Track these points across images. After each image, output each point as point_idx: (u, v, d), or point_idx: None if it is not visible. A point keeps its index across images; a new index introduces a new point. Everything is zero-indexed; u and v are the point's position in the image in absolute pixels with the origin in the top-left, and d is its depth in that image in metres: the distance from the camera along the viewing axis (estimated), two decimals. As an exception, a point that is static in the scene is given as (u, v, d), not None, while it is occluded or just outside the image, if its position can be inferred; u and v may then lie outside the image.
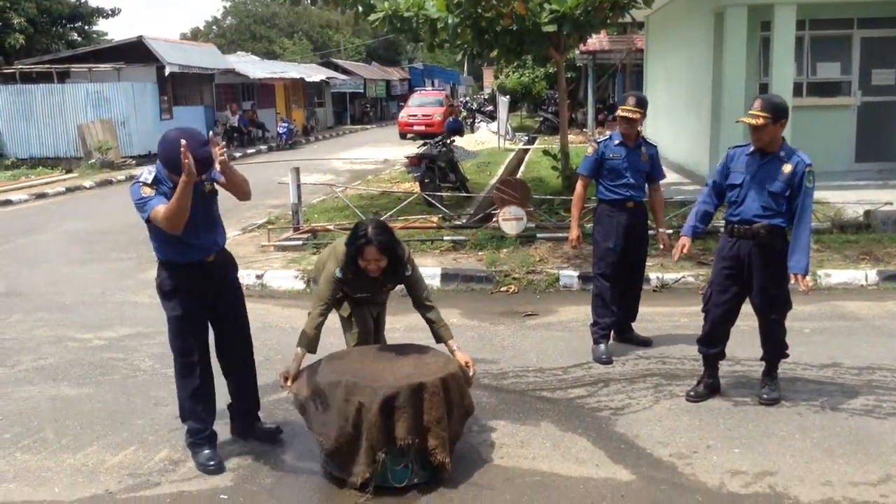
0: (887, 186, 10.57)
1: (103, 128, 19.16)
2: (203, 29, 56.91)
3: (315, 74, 33.68)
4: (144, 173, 3.70)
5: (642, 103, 5.24)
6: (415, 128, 27.20)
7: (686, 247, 4.61)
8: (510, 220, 8.35)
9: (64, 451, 4.17)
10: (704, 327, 4.62)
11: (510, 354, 5.53)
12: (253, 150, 23.93)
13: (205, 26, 57.56)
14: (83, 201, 14.68)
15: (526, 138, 24.22)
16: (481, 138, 23.16)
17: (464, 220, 9.53)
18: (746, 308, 4.57)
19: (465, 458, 3.91)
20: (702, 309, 4.67)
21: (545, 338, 5.88)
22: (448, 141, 11.82)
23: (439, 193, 10.59)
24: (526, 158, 17.74)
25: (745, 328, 4.94)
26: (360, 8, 9.70)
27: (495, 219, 8.68)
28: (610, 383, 4.92)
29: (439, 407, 3.60)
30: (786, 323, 4.53)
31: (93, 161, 18.49)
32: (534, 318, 6.40)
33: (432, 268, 7.53)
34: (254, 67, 28.52)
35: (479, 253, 8.21)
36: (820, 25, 11.89)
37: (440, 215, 9.63)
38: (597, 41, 22.73)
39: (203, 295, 3.87)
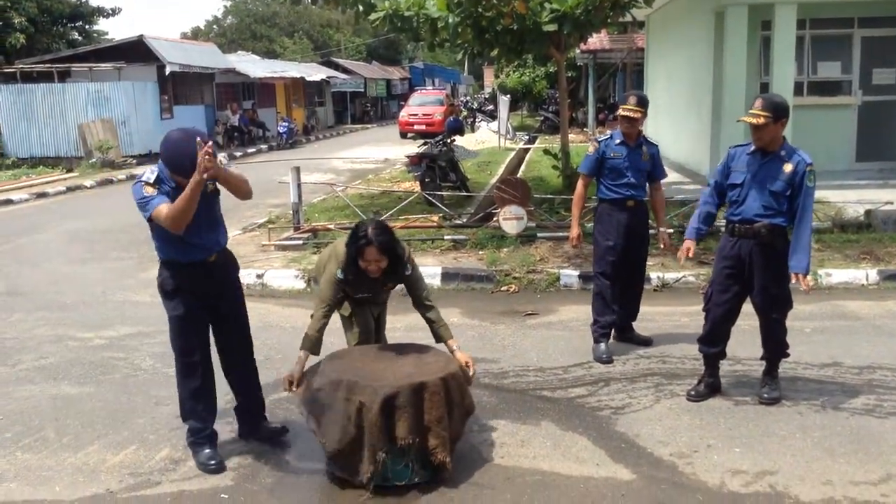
0: (888, 186, 10.55)
1: (104, 127, 19.16)
2: (203, 28, 56.94)
3: (315, 74, 33.69)
4: (147, 173, 3.70)
5: (643, 102, 5.25)
6: (415, 127, 27.21)
7: (691, 250, 4.61)
8: (511, 220, 8.35)
9: (65, 451, 4.17)
10: (705, 326, 4.63)
11: (511, 354, 5.53)
12: (253, 150, 23.93)
13: (205, 25, 57.62)
14: (84, 201, 14.69)
15: (526, 137, 24.20)
16: (482, 137, 23.16)
17: (464, 220, 9.53)
18: (747, 307, 4.57)
19: (466, 458, 3.92)
20: (703, 308, 4.67)
21: (546, 337, 5.88)
22: (448, 140, 11.81)
23: (440, 193, 10.59)
24: (526, 158, 17.73)
25: (746, 327, 4.94)
26: (361, 7, 9.69)
27: (496, 218, 8.68)
28: (610, 382, 4.92)
29: (440, 406, 3.60)
30: (786, 322, 4.53)
31: (93, 160, 18.49)
32: (534, 318, 6.40)
33: (433, 267, 7.53)
34: (254, 67, 28.53)
35: (480, 252, 8.21)
36: (820, 25, 11.89)
37: (441, 214, 9.63)
38: (597, 40, 22.73)
39: (205, 294, 3.87)
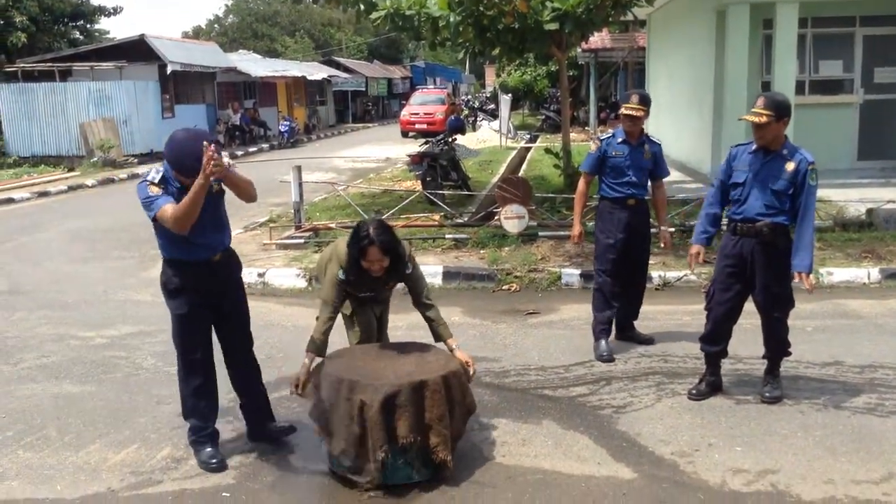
0: (889, 184, 10.54)
1: (105, 126, 19.17)
2: (205, 27, 56.91)
3: (317, 73, 33.70)
4: (152, 172, 3.69)
5: (646, 101, 5.24)
6: (416, 126, 27.21)
7: (700, 255, 4.61)
8: (512, 219, 8.34)
9: (66, 449, 4.17)
10: (707, 325, 4.62)
11: (512, 353, 5.52)
12: (255, 149, 23.94)
13: (206, 25, 57.58)
14: (85, 200, 14.69)
15: (528, 137, 24.19)
16: (483, 137, 23.16)
17: (465, 219, 9.52)
18: (749, 306, 4.56)
19: (467, 457, 3.92)
20: (704, 307, 4.66)
21: (547, 336, 5.88)
22: (450, 139, 11.81)
23: (441, 192, 10.59)
24: (528, 157, 17.72)
25: (748, 326, 4.94)
26: (362, 6, 9.68)
27: (497, 217, 8.68)
28: (612, 381, 4.91)
29: (441, 405, 3.60)
30: (788, 321, 4.53)
31: (95, 159, 18.50)
32: (535, 317, 6.40)
33: (434, 266, 7.53)
34: (255, 66, 28.53)
35: (481, 251, 8.20)
36: (822, 23, 11.87)
37: (442, 213, 9.63)
38: (599, 39, 22.69)
39: (208, 293, 3.87)
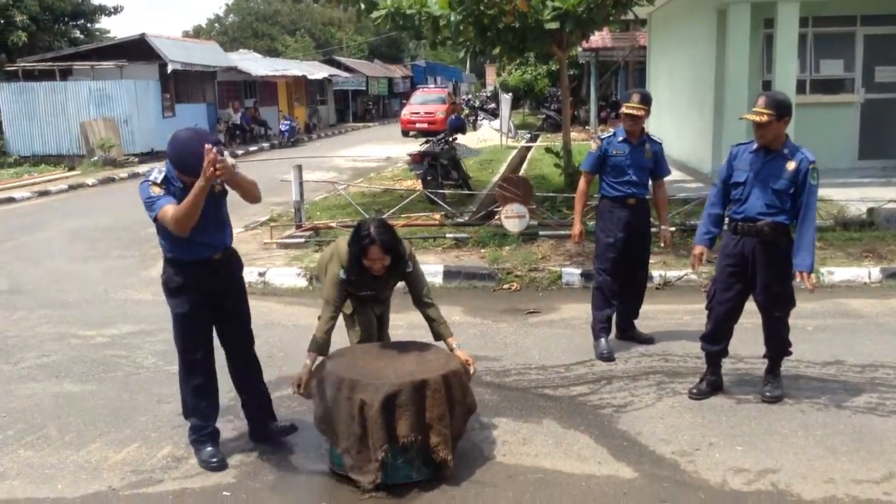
0: (890, 184, 10.54)
1: (106, 125, 19.17)
2: (205, 26, 56.90)
3: (317, 72, 33.70)
4: (154, 172, 3.69)
5: (647, 100, 5.24)
6: (417, 125, 27.22)
7: (704, 255, 4.61)
8: (512, 218, 8.34)
9: (67, 448, 4.17)
10: (708, 324, 4.62)
11: (512, 352, 5.52)
12: (255, 148, 23.94)
13: (207, 24, 57.56)
14: (86, 199, 14.68)
15: (528, 136, 24.18)
16: (484, 136, 23.15)
17: (466, 218, 9.52)
18: (749, 305, 4.56)
19: (468, 456, 3.91)
20: (705, 306, 4.66)
21: (547, 335, 5.87)
22: (450, 138, 11.82)
23: (442, 191, 10.59)
24: (528, 156, 17.72)
25: (749, 325, 4.94)
26: (363, 5, 9.68)
27: (498, 216, 8.68)
28: (612, 381, 4.91)
29: (441, 404, 3.60)
30: (789, 320, 4.52)
31: (95, 159, 18.49)
32: (536, 316, 6.40)
33: (434, 265, 7.52)
34: (256, 65, 28.53)
35: (482, 250, 8.20)
36: (823, 22, 11.86)
37: (442, 213, 9.63)
38: (599, 38, 22.67)
39: (209, 292, 3.86)
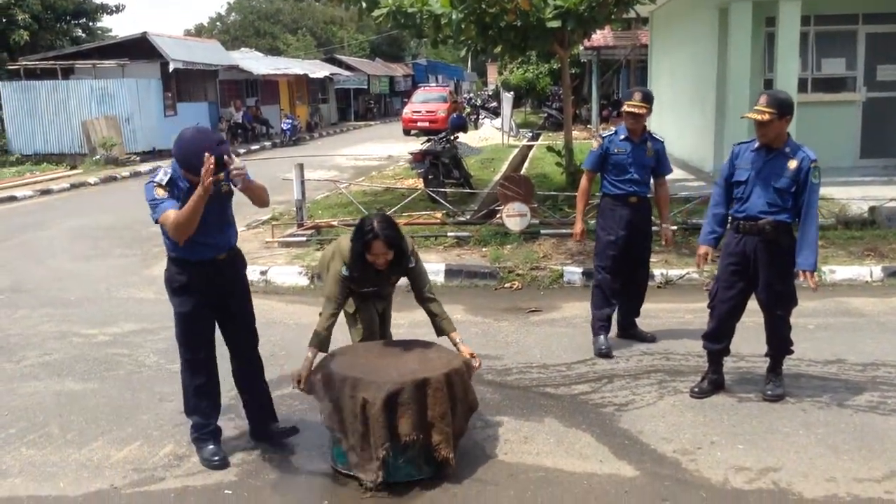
0: (892, 182, 10.53)
1: (108, 124, 19.18)
2: (207, 25, 56.89)
3: (319, 71, 33.70)
4: (160, 173, 3.67)
5: (648, 98, 5.24)
6: (418, 124, 27.23)
7: (709, 255, 4.60)
8: (514, 217, 8.34)
9: (69, 447, 4.18)
10: (710, 323, 4.62)
11: (514, 350, 5.53)
12: (257, 147, 23.95)
13: (209, 23, 57.53)
14: (87, 197, 14.70)
15: (530, 135, 24.18)
16: (485, 135, 23.13)
17: (467, 217, 9.52)
18: (751, 304, 4.56)
19: (469, 454, 3.92)
20: (707, 305, 4.66)
21: (549, 334, 5.88)
22: (452, 137, 11.82)
23: (443, 190, 10.59)
24: (530, 155, 17.71)
25: (750, 324, 4.93)
26: (364, 4, 9.67)
27: (499, 215, 8.68)
28: (614, 379, 4.91)
29: (443, 402, 3.61)
30: (790, 319, 4.52)
31: (97, 157, 18.50)
32: (537, 315, 6.40)
33: (436, 264, 7.52)
34: (258, 64, 28.54)
35: (483, 249, 8.20)
36: (825, 21, 11.85)
37: (444, 211, 9.63)
38: (601, 37, 22.66)
39: (213, 293, 3.86)
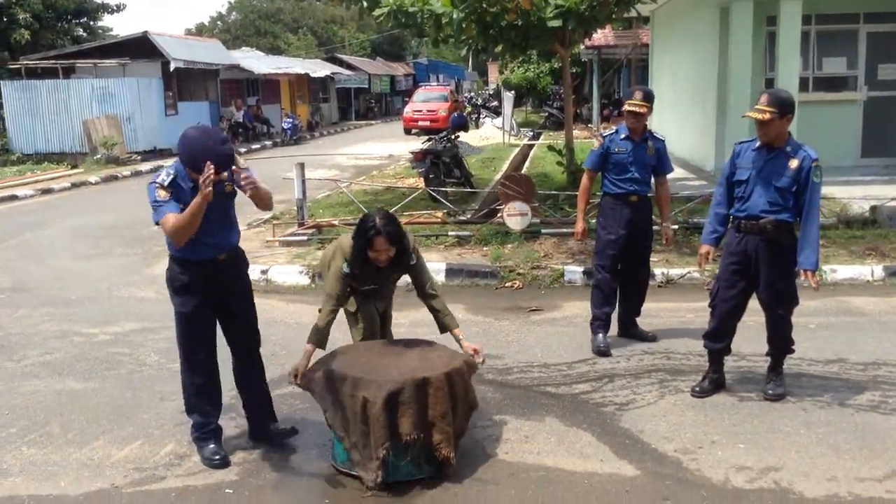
0: (893, 182, 10.52)
1: (108, 123, 19.18)
2: (208, 24, 56.93)
3: (320, 70, 33.70)
4: (163, 174, 3.65)
5: (649, 97, 5.24)
6: (419, 123, 27.23)
7: (710, 255, 4.61)
8: (515, 216, 8.34)
9: (70, 446, 4.18)
10: (711, 322, 4.62)
11: (515, 350, 5.53)
12: (258, 146, 23.95)
13: (209, 22, 57.59)
14: (88, 197, 14.71)
15: (531, 134, 24.17)
16: (486, 134, 23.13)
17: (468, 216, 9.52)
18: (752, 303, 4.56)
19: (470, 453, 3.92)
20: (709, 304, 4.66)
21: (550, 333, 5.87)
22: (453, 136, 11.81)
23: (444, 189, 10.59)
24: (531, 154, 17.72)
25: (751, 323, 4.93)
26: (365, 3, 9.67)
27: (500, 214, 8.68)
28: (615, 379, 4.91)
29: (444, 402, 3.61)
30: (792, 318, 4.52)
31: (98, 157, 18.51)
32: (538, 314, 6.40)
33: (437, 263, 7.52)
34: (258, 63, 28.54)
35: (484, 248, 8.20)
36: (826, 20, 11.84)
37: (445, 210, 9.63)
38: (602, 36, 22.64)
39: (214, 291, 3.86)
